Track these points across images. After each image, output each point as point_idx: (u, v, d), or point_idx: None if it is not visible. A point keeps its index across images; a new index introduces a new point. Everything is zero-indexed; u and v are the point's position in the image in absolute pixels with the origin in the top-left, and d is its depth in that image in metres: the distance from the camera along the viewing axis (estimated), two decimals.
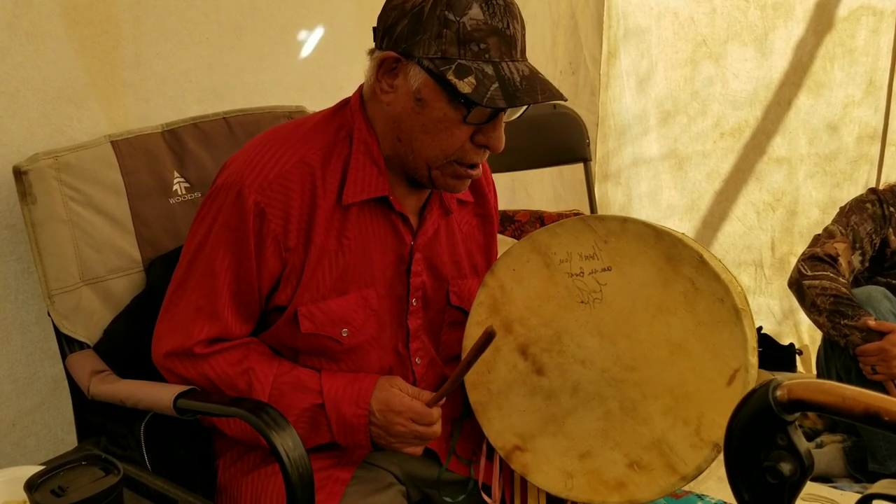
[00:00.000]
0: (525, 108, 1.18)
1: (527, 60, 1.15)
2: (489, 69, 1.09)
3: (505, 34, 1.10)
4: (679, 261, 1.16)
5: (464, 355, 1.31)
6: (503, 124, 1.17)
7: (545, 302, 1.26)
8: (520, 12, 1.14)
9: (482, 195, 1.41)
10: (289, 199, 1.17)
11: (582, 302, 1.23)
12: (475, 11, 1.08)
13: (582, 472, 1.23)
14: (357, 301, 1.24)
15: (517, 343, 1.28)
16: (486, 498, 1.33)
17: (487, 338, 1.15)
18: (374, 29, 1.18)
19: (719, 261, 1.23)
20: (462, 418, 1.40)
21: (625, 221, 1.19)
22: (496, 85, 1.08)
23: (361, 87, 1.25)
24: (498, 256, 1.52)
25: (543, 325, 1.26)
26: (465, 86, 1.08)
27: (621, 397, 1.20)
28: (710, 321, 1.14)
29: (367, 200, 1.22)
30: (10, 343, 1.48)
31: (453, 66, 1.09)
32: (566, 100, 1.15)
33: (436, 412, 1.24)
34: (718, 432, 1.13)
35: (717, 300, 1.14)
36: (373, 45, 1.19)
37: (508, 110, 1.15)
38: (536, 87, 1.11)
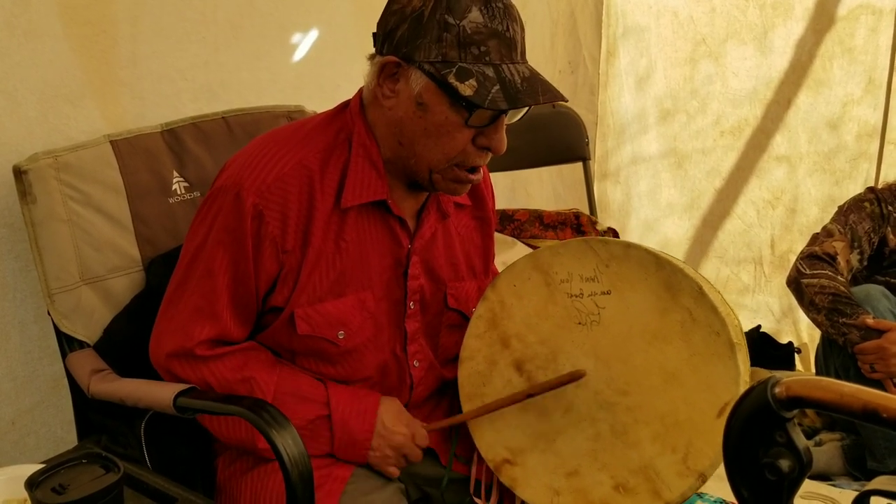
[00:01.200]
0: (526, 109, 1.18)
1: (527, 62, 1.15)
2: (490, 71, 1.09)
3: (505, 36, 1.10)
4: (678, 290, 1.16)
5: (463, 365, 1.32)
6: (505, 126, 1.17)
7: (543, 320, 1.26)
8: (519, 15, 1.14)
9: (480, 198, 1.41)
10: (287, 202, 1.17)
11: (580, 323, 1.23)
12: (475, 14, 1.08)
13: (568, 491, 1.23)
14: (354, 303, 1.24)
15: (513, 358, 1.29)
16: (476, 500, 1.34)
17: (571, 377, 1.20)
18: (374, 34, 1.17)
19: (718, 292, 1.23)
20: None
21: (628, 247, 1.20)
22: (497, 87, 1.08)
23: (361, 90, 1.24)
24: (495, 256, 1.53)
25: (540, 342, 1.27)
26: (467, 88, 1.08)
27: (612, 420, 1.21)
28: (705, 353, 1.15)
29: (365, 204, 1.22)
30: (8, 341, 1.48)
31: (454, 70, 1.09)
32: (567, 100, 1.16)
33: (427, 440, 1.31)
34: (705, 462, 1.14)
35: (714, 333, 1.14)
36: (372, 48, 1.19)
37: (510, 113, 1.16)
38: (537, 88, 1.11)
